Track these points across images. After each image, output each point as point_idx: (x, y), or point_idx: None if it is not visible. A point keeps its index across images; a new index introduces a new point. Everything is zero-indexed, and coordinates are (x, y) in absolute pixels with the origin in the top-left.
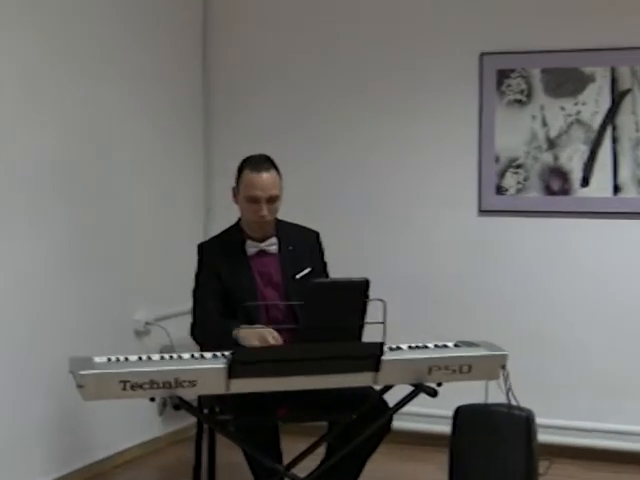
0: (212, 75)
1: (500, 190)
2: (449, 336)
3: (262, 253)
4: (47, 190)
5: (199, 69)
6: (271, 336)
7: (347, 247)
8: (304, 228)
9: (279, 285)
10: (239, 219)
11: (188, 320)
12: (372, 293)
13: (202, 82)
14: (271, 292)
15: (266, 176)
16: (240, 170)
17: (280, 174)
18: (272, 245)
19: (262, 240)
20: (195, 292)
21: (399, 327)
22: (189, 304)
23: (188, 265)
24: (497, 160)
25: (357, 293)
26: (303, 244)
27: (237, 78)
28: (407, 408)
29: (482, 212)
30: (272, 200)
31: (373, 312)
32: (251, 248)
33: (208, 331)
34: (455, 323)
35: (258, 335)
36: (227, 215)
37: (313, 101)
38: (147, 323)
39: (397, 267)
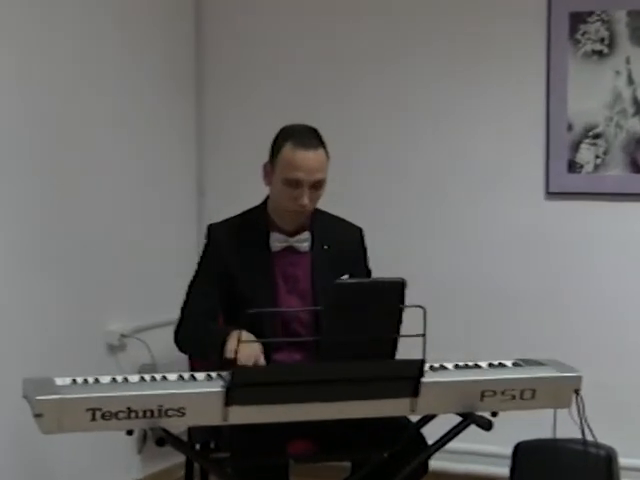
0: (205, 44)
1: (573, 167)
2: (507, 352)
3: (290, 250)
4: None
5: (191, 39)
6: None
7: (378, 243)
8: (345, 222)
9: (307, 293)
10: (265, 200)
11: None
12: (409, 298)
13: (194, 51)
14: (295, 301)
15: (314, 155)
16: (278, 143)
17: (328, 153)
18: (304, 241)
19: (292, 234)
20: (190, 284)
21: (444, 341)
22: (176, 312)
23: (175, 263)
24: (570, 128)
25: (390, 297)
26: (343, 243)
27: (233, 46)
28: (452, 444)
29: (550, 195)
30: (317, 186)
31: (410, 322)
32: (277, 242)
33: (190, 333)
34: (515, 336)
35: (253, 354)
36: (224, 201)
37: (330, 64)
38: (123, 335)
39: (441, 265)
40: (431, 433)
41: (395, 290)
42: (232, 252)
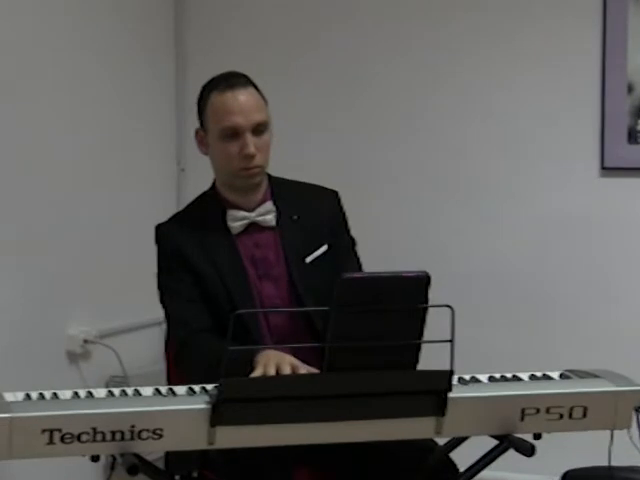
0: (185, 18)
1: (635, 136)
2: (553, 362)
3: (253, 228)
4: None
5: (171, 13)
6: (288, 366)
7: (397, 231)
8: (314, 187)
9: (281, 275)
10: (214, 182)
11: (148, 336)
12: (434, 296)
13: (174, 24)
14: (270, 288)
15: (246, 94)
16: (202, 99)
17: (264, 96)
18: (268, 214)
19: (252, 208)
20: (165, 301)
21: (477, 348)
22: (152, 312)
23: (152, 253)
24: (630, 90)
25: (412, 295)
26: (314, 210)
27: (214, 17)
28: (486, 473)
29: (607, 170)
30: (259, 130)
31: (435, 324)
32: (236, 221)
33: (200, 361)
34: (562, 340)
35: (275, 359)
36: (208, 179)
37: (316, 48)
38: (87, 341)
39: (474, 257)
40: (460, 459)
41: (418, 286)
42: (188, 247)
